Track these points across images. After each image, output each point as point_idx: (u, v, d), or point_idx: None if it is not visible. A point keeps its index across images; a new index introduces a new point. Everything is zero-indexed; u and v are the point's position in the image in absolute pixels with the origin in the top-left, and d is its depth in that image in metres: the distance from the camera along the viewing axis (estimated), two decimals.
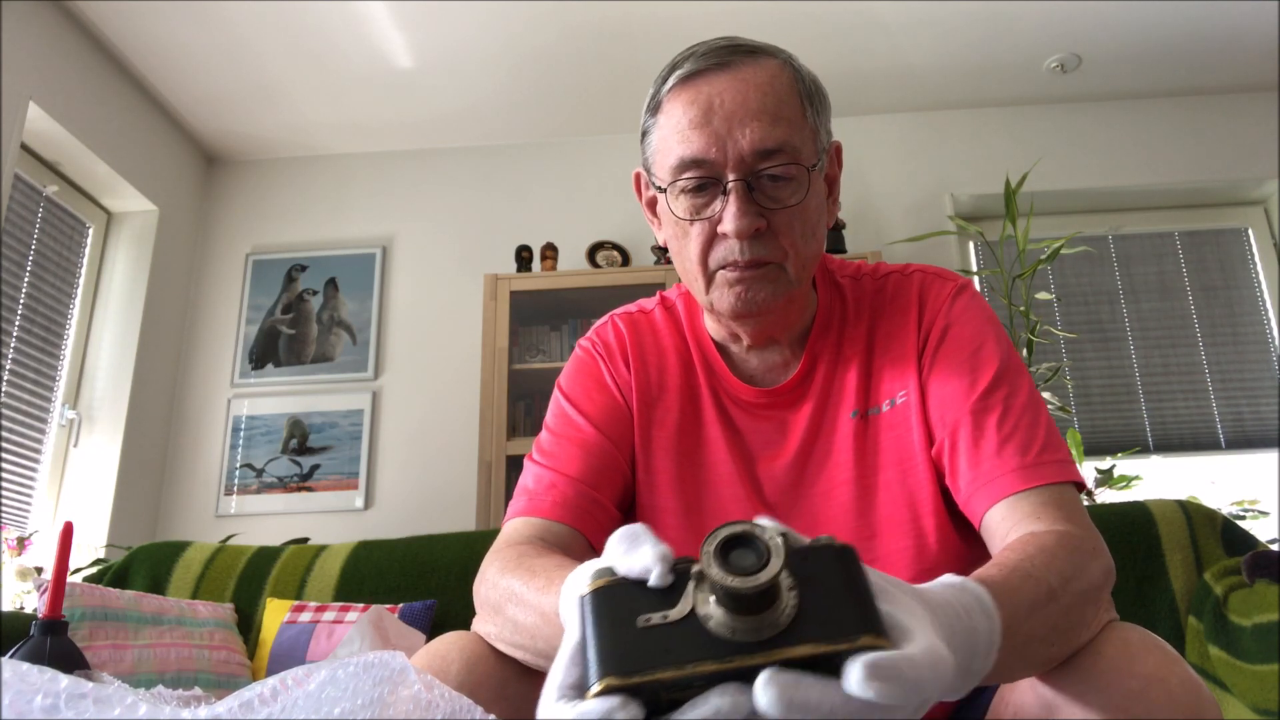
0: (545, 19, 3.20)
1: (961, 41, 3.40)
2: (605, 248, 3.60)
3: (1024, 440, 0.82)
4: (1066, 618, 0.66)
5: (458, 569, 2.04)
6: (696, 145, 0.85)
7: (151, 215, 3.55)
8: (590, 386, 0.99)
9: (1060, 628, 0.65)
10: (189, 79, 3.45)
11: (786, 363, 0.97)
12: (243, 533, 3.25)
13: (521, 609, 0.71)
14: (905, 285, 0.97)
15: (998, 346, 0.89)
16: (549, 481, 0.90)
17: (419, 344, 3.64)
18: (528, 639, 0.71)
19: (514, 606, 0.72)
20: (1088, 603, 0.68)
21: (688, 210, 0.88)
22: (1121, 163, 3.69)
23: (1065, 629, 0.66)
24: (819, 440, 0.93)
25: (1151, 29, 3.35)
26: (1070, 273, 3.71)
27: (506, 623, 0.74)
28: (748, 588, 0.43)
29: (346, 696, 0.51)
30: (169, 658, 1.79)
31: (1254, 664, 1.49)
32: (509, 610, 0.73)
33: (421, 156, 3.92)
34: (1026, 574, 0.64)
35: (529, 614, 0.70)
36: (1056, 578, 0.66)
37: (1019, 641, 0.59)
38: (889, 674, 0.42)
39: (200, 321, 3.75)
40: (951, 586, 0.57)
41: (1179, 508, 1.86)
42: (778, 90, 0.86)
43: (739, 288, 0.88)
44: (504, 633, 0.74)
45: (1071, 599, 0.66)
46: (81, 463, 3.25)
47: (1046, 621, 0.64)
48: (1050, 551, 0.69)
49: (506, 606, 0.73)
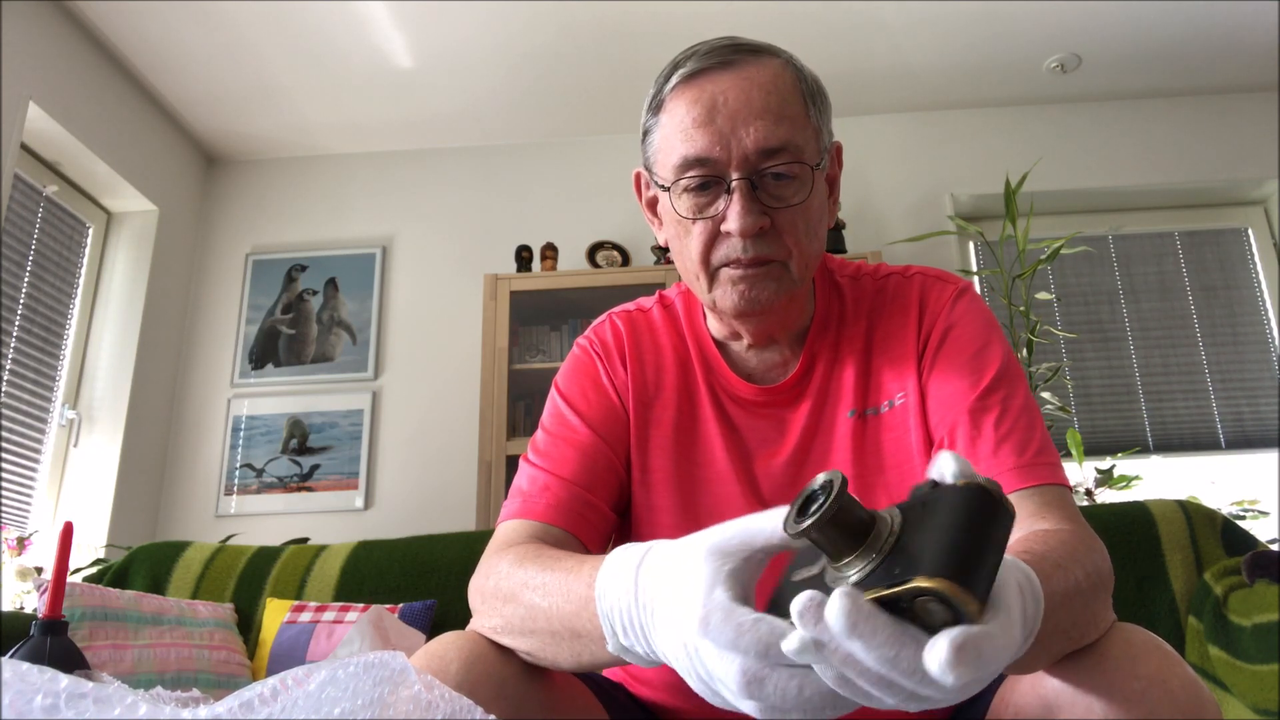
0: (545, 19, 3.20)
1: (961, 41, 3.40)
2: (605, 248, 3.60)
3: (1020, 441, 0.82)
4: (1087, 611, 0.66)
5: (458, 569, 2.04)
6: (700, 144, 0.85)
7: (151, 215, 3.56)
8: (586, 387, 0.99)
9: (1080, 622, 0.66)
10: (189, 79, 3.46)
11: (785, 361, 0.97)
12: (243, 533, 3.25)
13: (541, 593, 0.71)
14: (905, 287, 0.97)
15: (998, 349, 0.90)
16: (543, 483, 0.90)
17: (419, 344, 3.64)
18: (544, 621, 0.70)
19: (532, 592, 0.72)
20: (1103, 598, 0.69)
21: (691, 209, 0.88)
22: (1121, 163, 3.69)
23: (1084, 623, 0.66)
24: (817, 439, 0.94)
25: (1151, 29, 3.35)
26: (1070, 273, 3.71)
27: (520, 608, 0.73)
28: (798, 530, 0.47)
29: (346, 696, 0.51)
30: (169, 658, 1.79)
31: (1254, 664, 1.49)
32: (525, 596, 0.72)
33: (421, 156, 3.92)
34: (1057, 564, 0.65)
35: (550, 597, 0.70)
36: (1080, 571, 0.66)
37: (1047, 631, 0.59)
38: (968, 656, 0.43)
39: (200, 321, 3.75)
40: (1008, 564, 0.56)
41: (1179, 508, 1.86)
42: (781, 89, 0.87)
43: (742, 286, 0.88)
44: (512, 621, 0.74)
45: (1092, 593, 0.67)
46: (81, 463, 3.25)
47: (1071, 614, 0.64)
48: (1070, 546, 0.69)
49: (523, 593, 0.73)
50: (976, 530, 0.44)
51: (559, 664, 0.72)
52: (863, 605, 0.44)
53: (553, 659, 0.72)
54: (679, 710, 0.94)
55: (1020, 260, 3.26)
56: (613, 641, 0.63)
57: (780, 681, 0.49)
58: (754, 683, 0.49)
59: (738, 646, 0.50)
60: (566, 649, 0.69)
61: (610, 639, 0.63)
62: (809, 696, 0.49)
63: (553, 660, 0.72)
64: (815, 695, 0.49)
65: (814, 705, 0.49)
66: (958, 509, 0.45)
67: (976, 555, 0.44)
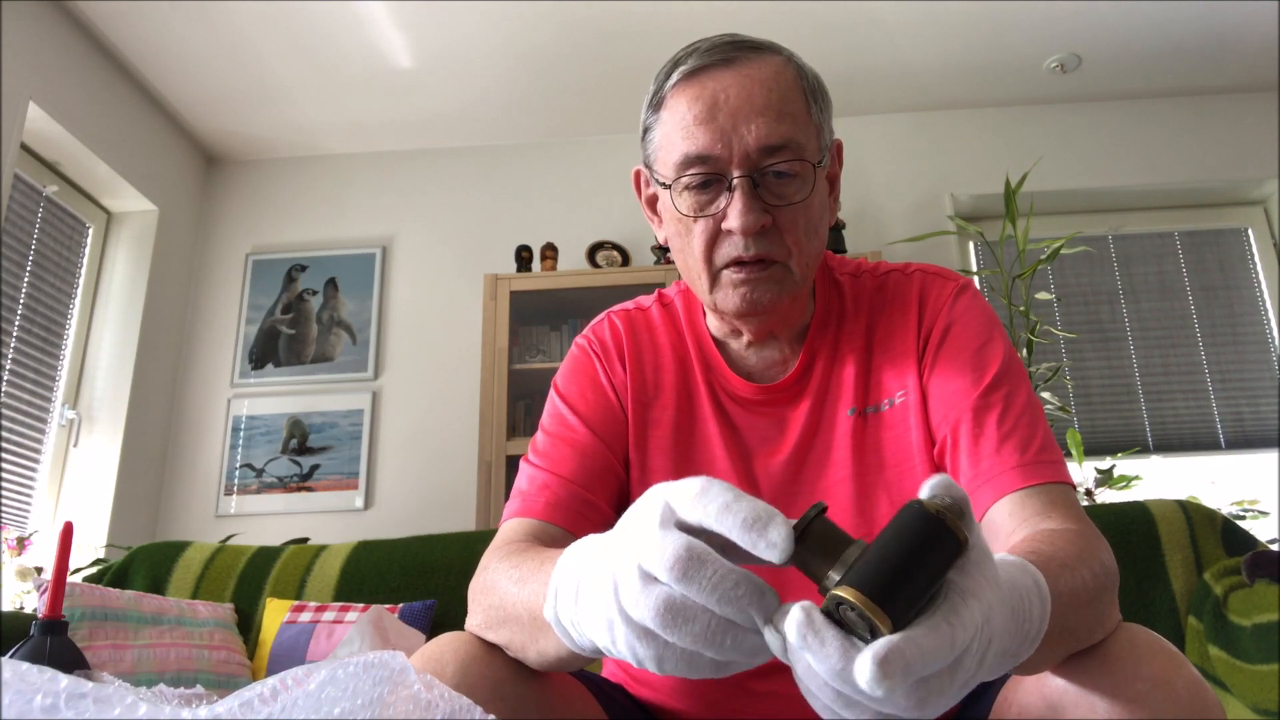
0: (545, 19, 3.20)
1: (961, 41, 3.40)
2: (605, 248, 3.60)
3: (1023, 438, 0.82)
4: (1094, 610, 0.66)
5: (458, 569, 2.04)
6: (701, 141, 0.85)
7: (151, 215, 3.56)
8: (585, 386, 0.99)
9: (1088, 622, 0.65)
10: (189, 79, 3.45)
11: (785, 359, 0.97)
12: (243, 533, 3.25)
13: (516, 582, 0.70)
14: (906, 284, 0.97)
15: (1000, 346, 0.90)
16: (542, 482, 0.90)
17: (419, 344, 3.64)
18: (513, 609, 0.70)
19: (508, 582, 0.71)
20: (1109, 597, 0.69)
21: (692, 207, 0.88)
22: (1121, 163, 3.69)
23: (1092, 624, 0.66)
24: (817, 437, 0.93)
25: (1151, 29, 3.35)
26: (1070, 273, 3.71)
27: (495, 598, 0.72)
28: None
29: (346, 696, 0.51)
30: (169, 658, 1.79)
31: (1254, 664, 1.49)
32: (502, 586, 0.72)
33: (421, 156, 3.92)
34: (1064, 564, 0.64)
35: (521, 584, 0.69)
36: (1087, 571, 0.66)
37: (1054, 631, 0.59)
38: (893, 668, 0.42)
39: (200, 321, 3.75)
40: (1013, 565, 0.56)
41: (1179, 508, 1.86)
42: (782, 86, 0.86)
43: (744, 288, 0.88)
44: (490, 613, 0.73)
45: (1099, 593, 0.67)
46: (81, 463, 3.25)
47: (1078, 614, 0.63)
48: (1077, 546, 0.69)
49: (500, 584, 0.72)
50: (906, 549, 0.45)
51: (528, 657, 0.70)
52: (815, 618, 0.44)
53: (522, 651, 0.70)
54: (679, 712, 0.94)
55: (1020, 260, 3.26)
56: (550, 608, 0.60)
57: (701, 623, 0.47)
58: (694, 560, 0.47)
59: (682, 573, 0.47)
60: (530, 638, 0.68)
61: (549, 605, 0.60)
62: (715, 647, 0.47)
63: (522, 652, 0.71)
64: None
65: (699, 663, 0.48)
66: (896, 527, 0.46)
67: (899, 572, 0.45)
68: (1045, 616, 0.56)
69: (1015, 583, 0.54)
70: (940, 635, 0.44)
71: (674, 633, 0.47)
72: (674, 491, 0.50)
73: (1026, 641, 0.55)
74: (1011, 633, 0.52)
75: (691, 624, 0.47)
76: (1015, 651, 0.54)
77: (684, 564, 0.47)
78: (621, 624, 0.50)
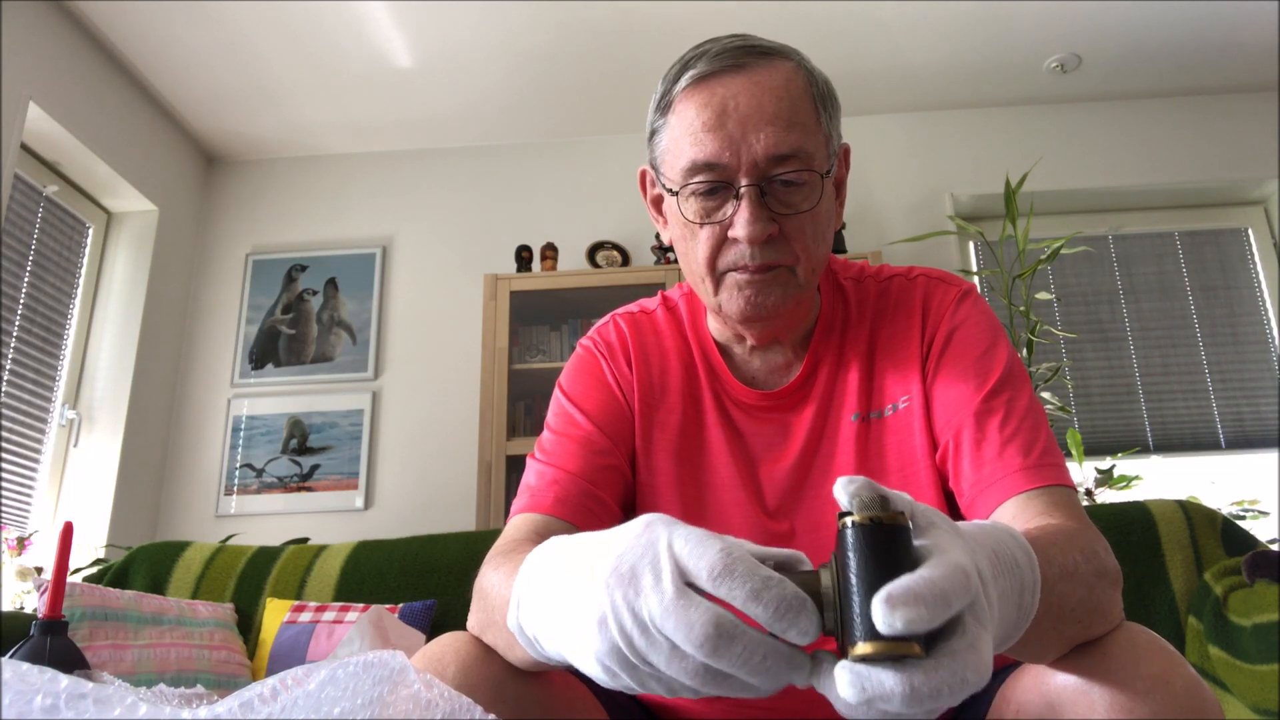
0: (545, 19, 3.20)
1: (961, 41, 3.40)
2: (605, 248, 3.60)
3: (1025, 442, 0.82)
4: (1091, 594, 0.66)
5: (458, 569, 2.04)
6: (710, 148, 0.84)
7: (151, 215, 3.56)
8: (590, 385, 0.99)
9: (1086, 603, 0.65)
10: (189, 79, 3.46)
11: (789, 365, 0.97)
12: (243, 533, 3.25)
13: (502, 581, 0.69)
14: (909, 289, 0.97)
15: (1003, 351, 0.90)
16: (551, 478, 0.90)
17: (419, 344, 3.64)
18: (498, 611, 0.68)
19: (498, 579, 0.71)
20: (1109, 586, 0.68)
21: (698, 213, 0.87)
22: (1121, 163, 3.69)
23: (1091, 606, 0.66)
24: (821, 443, 0.93)
25: (1151, 29, 3.35)
26: (1070, 273, 3.71)
27: (485, 600, 0.72)
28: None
29: (346, 696, 0.51)
30: (169, 658, 1.79)
31: (1254, 664, 1.49)
32: (490, 585, 0.72)
33: (421, 156, 3.92)
34: (1053, 542, 0.64)
35: (504, 583, 0.68)
36: (1079, 554, 0.66)
37: (1054, 603, 0.59)
38: (910, 597, 0.43)
39: (200, 321, 3.75)
40: (982, 523, 0.57)
41: (1179, 508, 1.86)
42: (792, 94, 0.86)
43: (749, 291, 0.88)
44: (479, 615, 0.73)
45: (1094, 578, 0.67)
46: (81, 463, 3.25)
47: (1075, 591, 0.64)
48: (1070, 533, 0.69)
49: (490, 584, 0.72)
50: (873, 569, 0.45)
51: (515, 660, 0.70)
52: (867, 685, 0.44)
53: (509, 654, 0.70)
54: (679, 711, 0.94)
55: (1020, 260, 3.26)
56: (512, 616, 0.60)
57: (749, 643, 0.46)
58: (724, 638, 0.46)
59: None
60: (508, 645, 0.67)
61: (511, 613, 0.60)
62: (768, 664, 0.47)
63: (509, 655, 0.70)
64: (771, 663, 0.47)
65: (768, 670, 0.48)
66: (854, 554, 0.46)
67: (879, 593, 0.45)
68: (1034, 567, 0.56)
69: (983, 529, 0.55)
70: (941, 564, 0.45)
71: (703, 690, 0.49)
72: (687, 557, 0.49)
73: (1026, 591, 0.55)
74: (1003, 573, 0.53)
75: (722, 685, 0.48)
76: (1018, 600, 0.54)
77: (714, 642, 0.46)
78: (621, 670, 0.51)
